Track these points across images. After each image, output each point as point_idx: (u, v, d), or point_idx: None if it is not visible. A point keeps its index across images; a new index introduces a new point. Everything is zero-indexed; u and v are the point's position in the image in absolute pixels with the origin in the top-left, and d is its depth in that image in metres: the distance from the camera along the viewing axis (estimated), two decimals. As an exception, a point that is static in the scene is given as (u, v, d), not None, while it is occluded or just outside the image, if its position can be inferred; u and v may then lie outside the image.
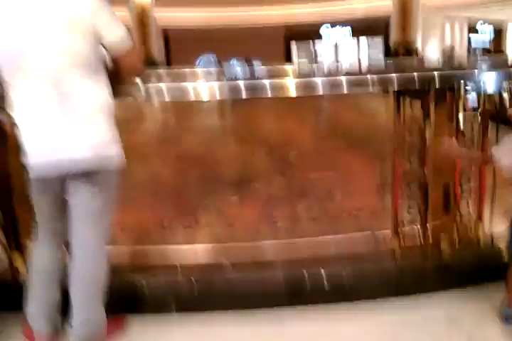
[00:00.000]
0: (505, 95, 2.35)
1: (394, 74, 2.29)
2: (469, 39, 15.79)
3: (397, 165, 2.38)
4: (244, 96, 2.22)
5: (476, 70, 2.33)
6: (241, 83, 2.20)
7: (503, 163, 1.83)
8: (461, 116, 2.36)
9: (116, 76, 1.83)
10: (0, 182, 2.22)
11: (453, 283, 2.26)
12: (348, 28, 16.02)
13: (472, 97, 2.45)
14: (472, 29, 15.79)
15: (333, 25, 16.08)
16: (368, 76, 2.27)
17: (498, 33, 15.70)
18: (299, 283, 2.24)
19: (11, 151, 2.17)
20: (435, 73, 2.30)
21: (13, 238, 2.28)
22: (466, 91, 2.40)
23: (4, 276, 2.28)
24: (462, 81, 2.34)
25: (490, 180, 2.40)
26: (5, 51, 1.67)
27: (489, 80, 2.33)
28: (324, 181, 3.03)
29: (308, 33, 16.50)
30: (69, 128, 1.69)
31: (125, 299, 2.17)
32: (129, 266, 2.33)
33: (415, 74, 2.29)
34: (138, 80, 2.06)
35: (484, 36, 15.62)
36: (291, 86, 2.25)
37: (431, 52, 13.99)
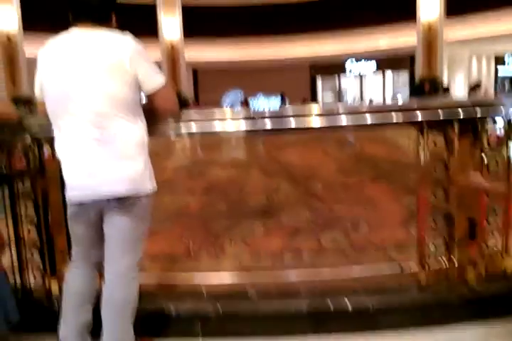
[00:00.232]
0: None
1: (418, 109, 2.35)
2: (497, 71, 15.75)
3: (423, 197, 2.41)
4: (269, 129, 2.32)
5: (501, 104, 2.37)
6: (267, 120, 2.30)
7: None
8: (485, 149, 2.38)
9: (153, 116, 1.98)
10: (39, 210, 2.35)
11: (479, 315, 2.24)
12: (373, 63, 16.22)
13: (496, 131, 2.49)
14: (500, 61, 15.78)
15: (358, 60, 16.32)
16: (393, 112, 2.33)
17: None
18: (324, 311, 2.26)
19: (50, 182, 2.32)
20: (459, 108, 2.35)
21: (50, 262, 2.39)
22: (491, 124, 2.44)
23: (41, 299, 2.39)
24: (487, 115, 2.38)
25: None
26: (53, 95, 1.86)
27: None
28: (350, 213, 3.06)
29: (334, 68, 16.83)
30: (107, 165, 1.81)
31: (153, 323, 2.25)
32: (158, 291, 2.40)
33: (439, 109, 2.35)
34: (171, 120, 2.20)
35: (512, 68, 15.57)
36: (315, 122, 2.33)
37: (457, 86, 14.02)
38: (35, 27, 11.82)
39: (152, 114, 1.96)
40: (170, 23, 15.18)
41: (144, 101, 1.93)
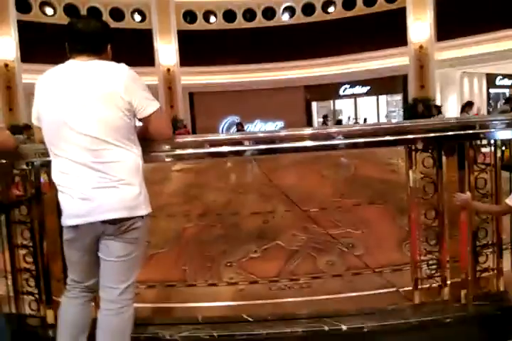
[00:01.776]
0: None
1: (407, 130, 2.40)
2: (489, 94, 15.99)
3: (414, 218, 2.43)
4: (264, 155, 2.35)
5: (492, 125, 2.41)
6: (262, 145, 2.34)
7: None
8: (474, 169, 2.42)
9: (147, 141, 2.03)
10: (35, 238, 2.36)
11: (474, 335, 2.24)
12: (367, 87, 16.46)
13: (487, 151, 2.53)
14: (491, 84, 16.05)
15: (352, 84, 16.55)
16: (386, 136, 2.37)
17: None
18: (320, 333, 2.24)
19: (46, 209, 2.34)
20: (448, 129, 2.39)
21: (45, 291, 2.38)
22: (481, 145, 2.48)
23: (36, 328, 2.37)
24: (476, 135, 2.42)
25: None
26: (50, 122, 1.91)
27: (505, 134, 2.42)
28: (345, 235, 3.07)
29: (328, 92, 17.05)
30: (103, 190, 1.85)
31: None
32: (154, 321, 2.39)
33: (428, 129, 2.39)
34: (166, 145, 2.24)
35: (504, 90, 15.83)
36: (309, 146, 2.36)
37: (450, 108, 14.20)
38: (34, 58, 12.06)
39: (146, 139, 2.02)
40: (166, 49, 15.47)
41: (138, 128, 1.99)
